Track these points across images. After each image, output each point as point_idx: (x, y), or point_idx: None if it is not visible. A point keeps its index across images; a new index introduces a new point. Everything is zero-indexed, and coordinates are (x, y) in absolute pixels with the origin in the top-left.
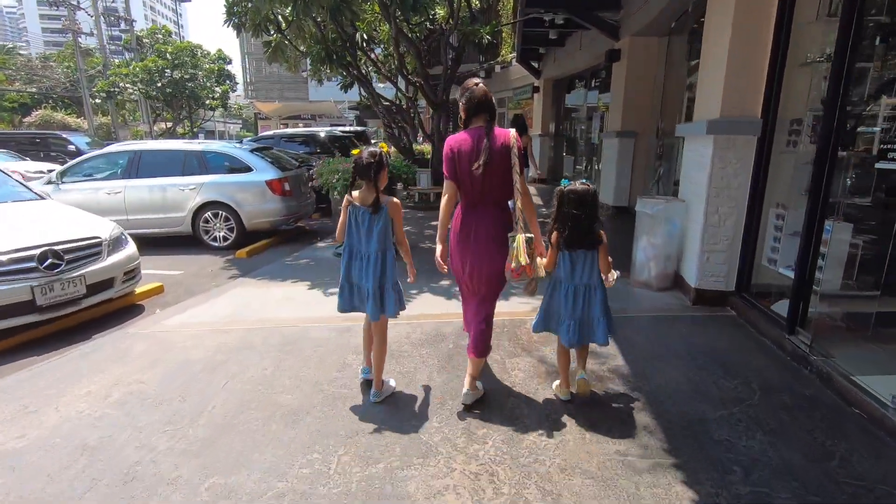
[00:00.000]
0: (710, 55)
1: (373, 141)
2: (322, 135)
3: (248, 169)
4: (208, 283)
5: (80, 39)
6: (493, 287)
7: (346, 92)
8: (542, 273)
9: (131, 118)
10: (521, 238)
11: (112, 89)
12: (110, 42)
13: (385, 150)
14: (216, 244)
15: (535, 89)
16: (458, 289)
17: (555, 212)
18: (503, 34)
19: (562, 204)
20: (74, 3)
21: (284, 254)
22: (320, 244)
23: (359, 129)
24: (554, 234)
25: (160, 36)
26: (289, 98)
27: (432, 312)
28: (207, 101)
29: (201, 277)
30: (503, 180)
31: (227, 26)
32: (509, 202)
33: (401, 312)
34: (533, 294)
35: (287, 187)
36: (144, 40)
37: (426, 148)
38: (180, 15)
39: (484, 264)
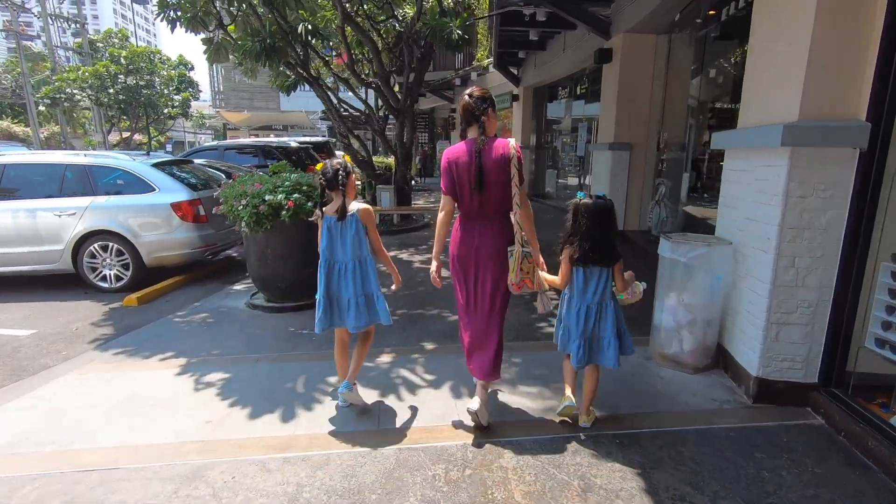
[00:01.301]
0: (773, 30)
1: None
2: (275, 145)
3: (148, 188)
4: (57, 353)
5: (32, 43)
6: (502, 300)
7: (287, 94)
8: (546, 287)
9: (91, 127)
10: (517, 252)
11: (57, 95)
12: (64, 47)
13: (349, 161)
14: (107, 285)
15: (515, 98)
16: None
17: (569, 226)
18: (478, 34)
19: (576, 218)
20: (18, 2)
21: (189, 299)
22: (236, 287)
23: (320, 139)
24: (567, 249)
25: (116, 40)
26: (259, 108)
27: (419, 425)
28: (166, 110)
29: (56, 341)
30: (503, 193)
31: (160, 20)
32: (511, 214)
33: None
34: (546, 309)
35: (202, 211)
36: (99, 44)
37: (391, 161)
38: (154, 24)
39: (490, 276)
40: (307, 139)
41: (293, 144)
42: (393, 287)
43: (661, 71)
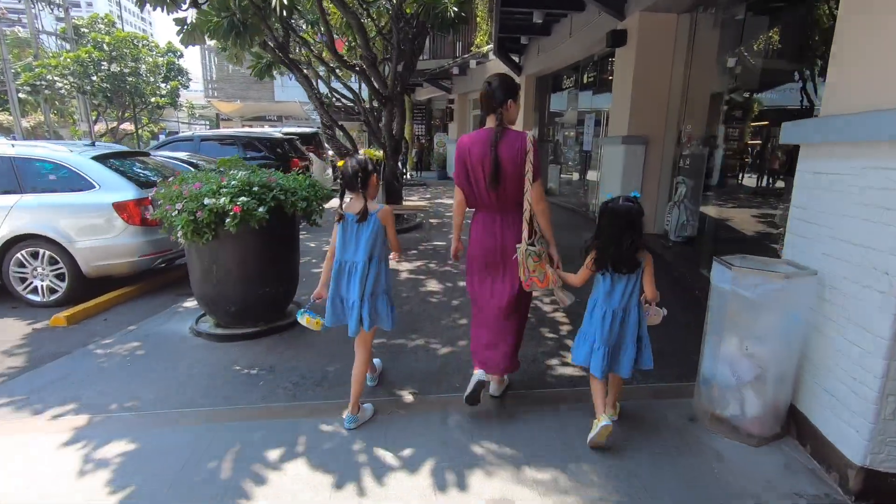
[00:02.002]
0: None
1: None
2: (257, 136)
3: (87, 185)
4: None
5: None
6: (524, 298)
7: (261, 79)
8: (559, 283)
9: (80, 117)
10: (522, 250)
11: (37, 83)
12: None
13: (372, 156)
14: (39, 298)
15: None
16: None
17: (596, 227)
18: (477, 17)
19: (601, 219)
20: None
21: (132, 318)
22: (188, 303)
23: (308, 130)
24: (591, 252)
25: (102, 26)
26: (253, 98)
27: None
28: (153, 99)
29: None
30: (520, 187)
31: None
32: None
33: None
34: (567, 302)
35: (151, 212)
36: (83, 30)
37: (381, 154)
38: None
39: (515, 271)
40: (296, 130)
41: (277, 135)
42: (391, 256)
43: (683, 55)
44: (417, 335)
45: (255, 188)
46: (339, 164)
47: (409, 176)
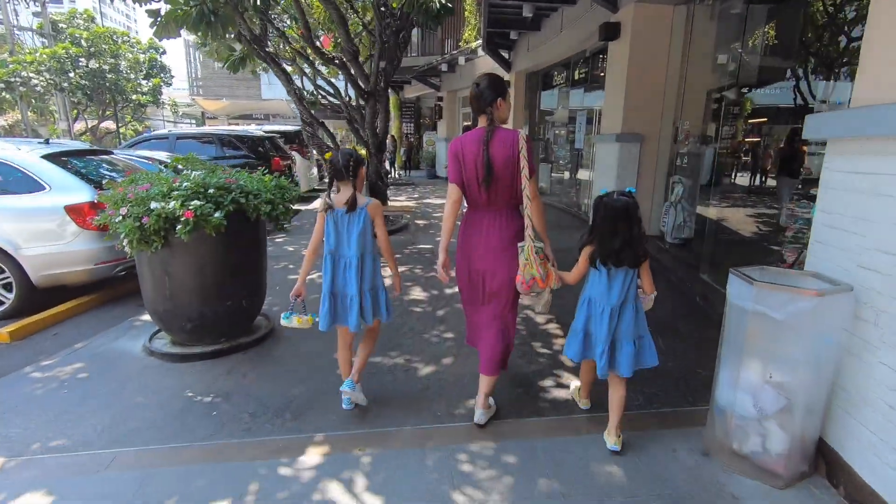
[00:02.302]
0: None
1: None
2: (235, 134)
3: (36, 186)
4: None
5: None
6: (513, 293)
7: (234, 72)
8: (557, 285)
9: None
10: (530, 247)
11: (12, 79)
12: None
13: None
14: None
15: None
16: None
17: (591, 223)
18: (466, 10)
19: (595, 214)
20: None
21: (85, 332)
22: (146, 316)
23: (291, 128)
24: (587, 247)
25: (80, 21)
26: (239, 96)
27: None
28: (134, 97)
29: None
30: (511, 186)
31: None
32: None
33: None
34: (547, 309)
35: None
36: (62, 25)
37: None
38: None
39: (501, 269)
40: (278, 128)
41: (258, 133)
42: (394, 293)
43: (679, 49)
44: (397, 352)
45: (211, 190)
46: (327, 155)
47: (397, 175)
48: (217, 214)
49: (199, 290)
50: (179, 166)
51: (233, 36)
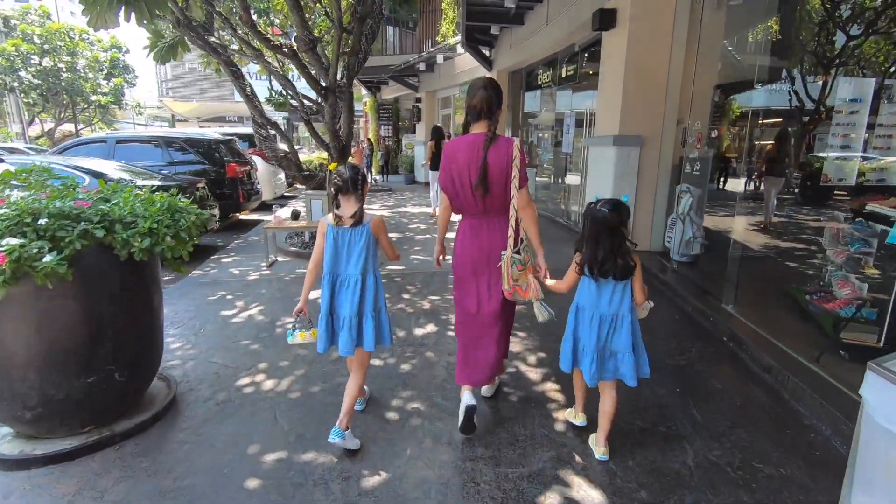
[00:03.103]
0: None
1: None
2: (186, 137)
3: None
4: None
5: None
6: (510, 304)
7: (162, 63)
8: (540, 295)
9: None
10: (507, 258)
11: None
12: None
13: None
14: None
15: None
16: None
17: (581, 230)
18: (443, 2)
19: (584, 222)
20: None
21: None
22: None
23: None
24: (577, 255)
25: (35, 17)
26: (211, 98)
27: None
28: (94, 97)
29: None
30: (505, 193)
31: None
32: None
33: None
34: (545, 318)
35: None
36: (14, 21)
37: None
38: None
39: (501, 279)
40: (238, 130)
41: (214, 136)
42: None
43: (684, 38)
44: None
45: (43, 220)
46: (332, 166)
47: (374, 180)
48: (49, 258)
49: (38, 361)
50: (49, 182)
51: (168, 21)
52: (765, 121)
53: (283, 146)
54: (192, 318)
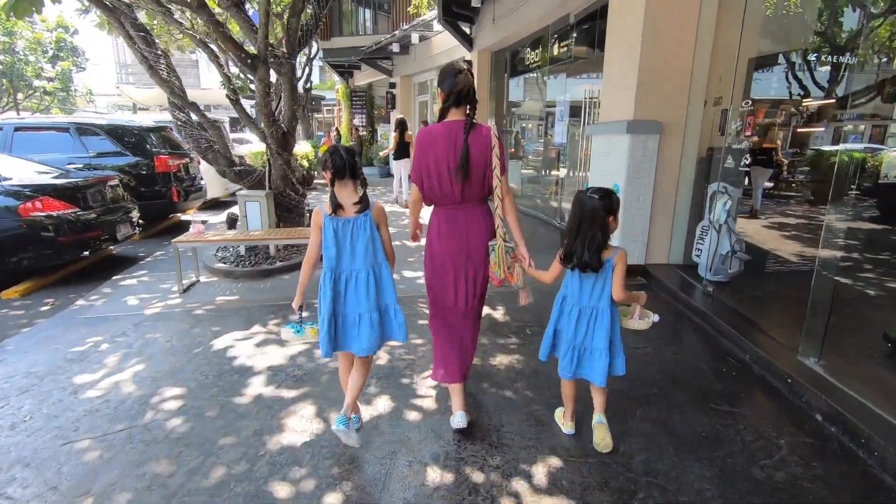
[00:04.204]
0: None
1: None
2: (107, 125)
3: None
4: None
5: None
6: (484, 294)
7: (18, 18)
8: (524, 283)
9: None
10: (500, 246)
11: None
12: None
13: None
14: None
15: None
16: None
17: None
18: None
19: (572, 209)
20: None
21: None
22: None
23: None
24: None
25: None
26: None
27: None
28: (38, 83)
29: None
30: (484, 181)
31: None
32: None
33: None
34: (529, 301)
35: None
36: None
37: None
38: None
39: (482, 269)
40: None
41: (145, 123)
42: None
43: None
44: None
45: None
46: (323, 149)
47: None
48: None
49: None
50: None
51: None
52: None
53: (209, 135)
54: (24, 391)
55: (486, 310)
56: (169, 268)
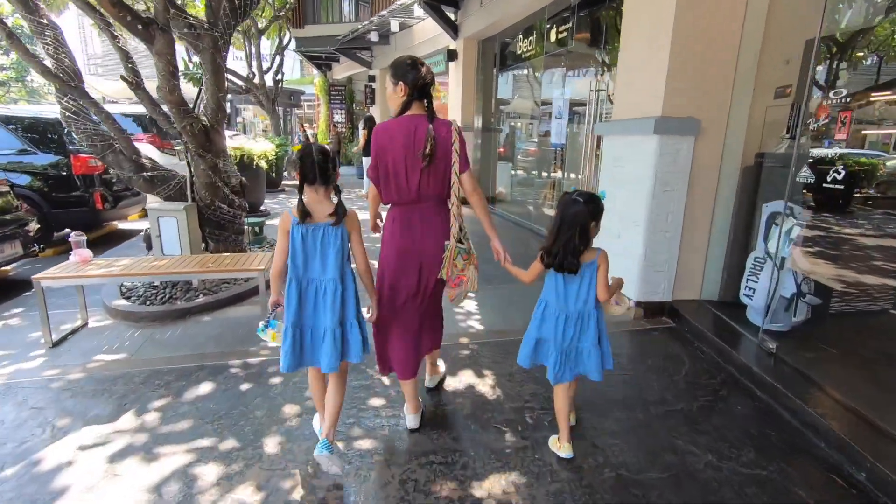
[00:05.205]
0: None
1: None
2: (6, 115)
3: None
4: None
5: None
6: (440, 297)
7: None
8: (476, 288)
9: None
10: (451, 247)
11: None
12: None
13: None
14: None
15: (452, 56)
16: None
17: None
18: None
19: (556, 210)
20: None
21: None
22: None
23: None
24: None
25: None
26: (148, 77)
27: None
28: None
29: None
30: (442, 180)
31: None
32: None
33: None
34: (455, 302)
35: None
36: None
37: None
38: None
39: (435, 269)
40: (126, 109)
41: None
42: (368, 317)
43: None
44: None
45: None
46: (295, 148)
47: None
48: None
49: None
50: None
51: None
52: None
53: (105, 129)
54: None
55: (466, 380)
56: (61, 302)
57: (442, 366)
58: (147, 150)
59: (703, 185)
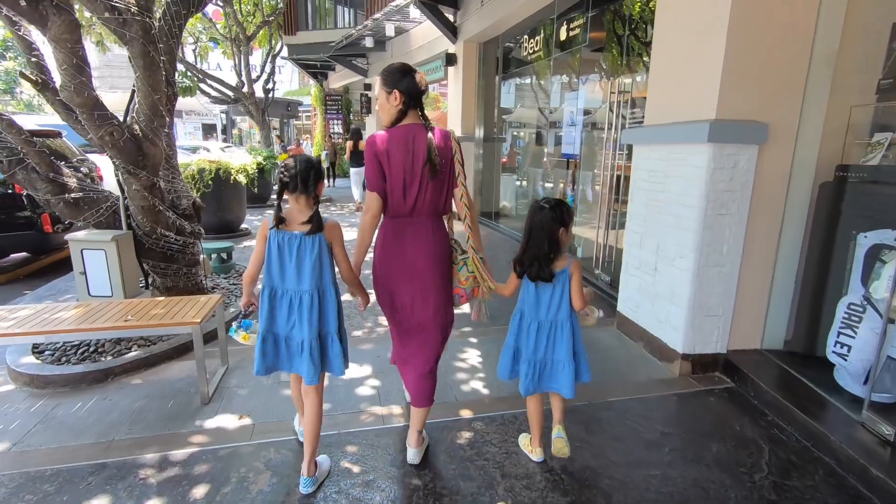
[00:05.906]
0: None
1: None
2: None
3: None
4: None
5: None
6: (446, 319)
7: None
8: (489, 296)
9: None
10: (474, 258)
11: None
12: None
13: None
14: None
15: (451, 60)
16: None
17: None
18: None
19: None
20: None
21: None
22: None
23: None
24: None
25: None
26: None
27: None
28: None
29: None
30: (445, 189)
31: None
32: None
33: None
34: (480, 318)
35: None
36: None
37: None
38: None
39: (433, 291)
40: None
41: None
42: (360, 308)
43: None
44: None
45: None
46: (282, 157)
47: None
48: None
49: None
50: None
51: None
52: None
53: (11, 139)
54: None
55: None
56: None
57: (426, 435)
58: (102, 165)
59: (767, 205)
